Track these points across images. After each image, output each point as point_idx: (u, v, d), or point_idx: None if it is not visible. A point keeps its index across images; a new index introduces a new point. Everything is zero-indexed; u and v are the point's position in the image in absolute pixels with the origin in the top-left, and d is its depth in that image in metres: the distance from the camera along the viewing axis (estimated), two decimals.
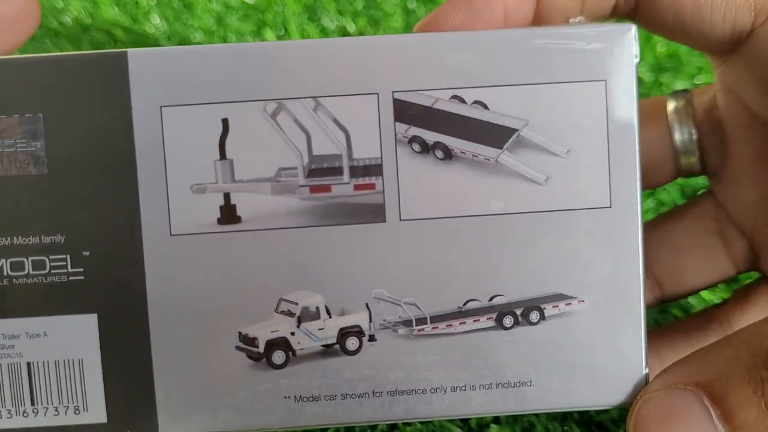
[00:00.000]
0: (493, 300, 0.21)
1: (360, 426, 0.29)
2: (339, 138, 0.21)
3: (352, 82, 0.20)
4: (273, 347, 0.21)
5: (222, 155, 0.20)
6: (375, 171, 0.21)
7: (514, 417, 0.28)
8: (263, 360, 0.21)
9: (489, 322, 0.21)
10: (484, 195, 0.21)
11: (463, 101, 0.21)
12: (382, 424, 0.29)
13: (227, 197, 0.20)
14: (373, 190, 0.21)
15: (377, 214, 0.21)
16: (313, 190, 0.21)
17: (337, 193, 0.21)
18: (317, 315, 0.21)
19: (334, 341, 0.21)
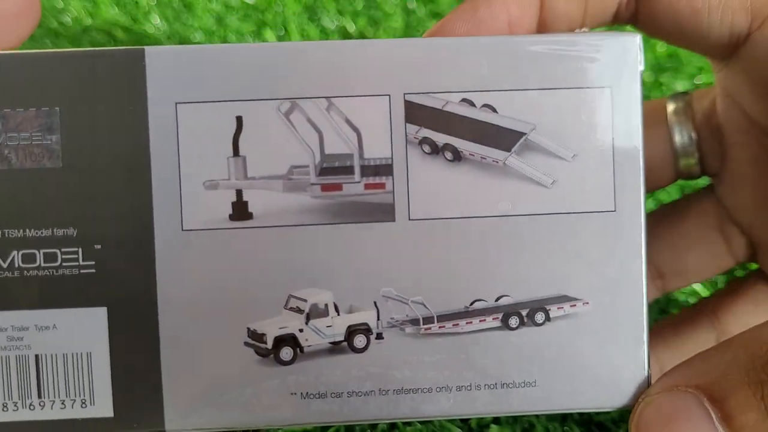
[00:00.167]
0: (500, 300, 0.21)
1: (360, 425, 0.29)
2: (351, 138, 0.21)
3: (364, 84, 0.21)
4: (281, 343, 0.21)
5: (235, 152, 0.21)
6: (385, 171, 0.21)
7: (515, 417, 0.28)
8: (271, 356, 0.21)
9: (495, 323, 0.21)
10: (491, 196, 0.21)
11: (472, 104, 0.21)
12: (382, 424, 0.29)
13: (239, 194, 0.21)
14: (383, 189, 0.21)
15: (387, 214, 0.21)
16: (324, 189, 0.21)
17: (348, 192, 0.21)
18: (326, 312, 0.21)
19: (342, 338, 0.21)
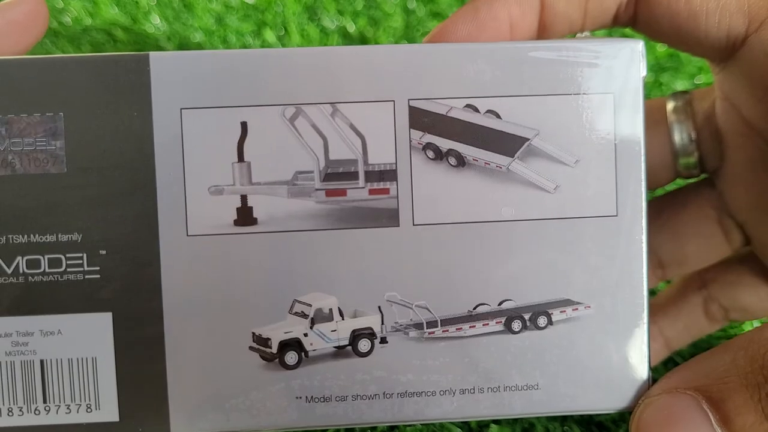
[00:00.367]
0: (503, 304, 0.21)
1: (361, 427, 0.29)
2: (355, 143, 0.21)
3: (369, 89, 0.21)
4: (286, 348, 0.21)
5: (240, 158, 0.21)
6: (390, 176, 0.21)
7: (515, 418, 0.29)
8: (276, 360, 0.21)
9: (498, 326, 0.21)
10: (495, 202, 0.21)
11: (476, 110, 0.21)
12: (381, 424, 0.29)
13: (244, 199, 0.21)
14: (387, 195, 0.21)
15: (391, 219, 0.21)
16: (329, 194, 0.21)
17: (352, 198, 0.21)
18: (330, 317, 0.21)
19: (346, 343, 0.21)
